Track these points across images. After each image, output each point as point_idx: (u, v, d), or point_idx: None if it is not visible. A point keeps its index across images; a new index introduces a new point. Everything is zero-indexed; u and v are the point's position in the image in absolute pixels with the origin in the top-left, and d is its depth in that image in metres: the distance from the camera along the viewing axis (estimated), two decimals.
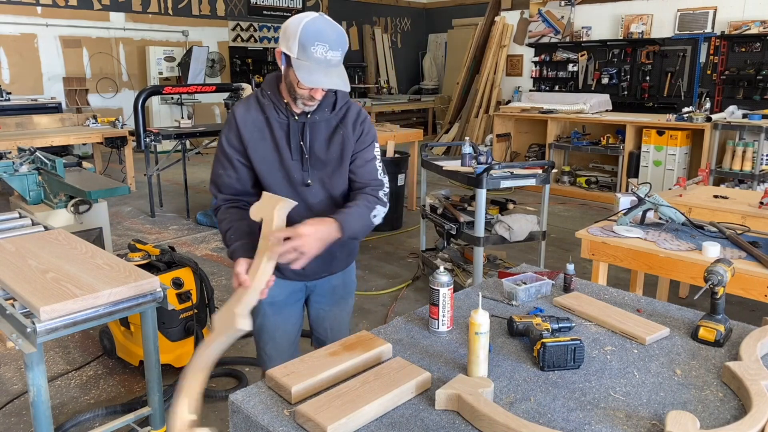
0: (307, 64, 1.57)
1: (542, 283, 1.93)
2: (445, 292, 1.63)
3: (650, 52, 8.22)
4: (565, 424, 1.24)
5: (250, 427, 1.28)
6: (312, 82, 1.58)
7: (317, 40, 1.57)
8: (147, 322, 2.18)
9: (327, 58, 1.58)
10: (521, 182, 3.79)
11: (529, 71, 9.53)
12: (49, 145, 6.31)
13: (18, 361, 3.17)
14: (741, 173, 6.05)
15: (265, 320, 1.95)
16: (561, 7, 8.92)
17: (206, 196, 7.02)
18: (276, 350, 1.98)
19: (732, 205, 3.34)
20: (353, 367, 1.42)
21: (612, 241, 2.65)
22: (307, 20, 1.58)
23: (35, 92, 9.30)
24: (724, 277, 1.62)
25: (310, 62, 1.57)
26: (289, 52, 1.59)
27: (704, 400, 1.33)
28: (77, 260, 2.21)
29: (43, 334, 1.81)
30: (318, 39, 1.57)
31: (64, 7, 9.60)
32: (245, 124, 1.74)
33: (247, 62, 11.98)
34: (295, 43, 1.57)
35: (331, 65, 1.60)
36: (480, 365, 1.38)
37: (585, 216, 6.37)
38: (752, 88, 7.41)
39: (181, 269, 2.96)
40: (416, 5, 14.96)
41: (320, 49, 1.57)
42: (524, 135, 8.36)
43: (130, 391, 2.93)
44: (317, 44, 1.57)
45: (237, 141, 1.75)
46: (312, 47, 1.56)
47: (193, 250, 5.17)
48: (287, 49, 1.60)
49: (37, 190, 4.13)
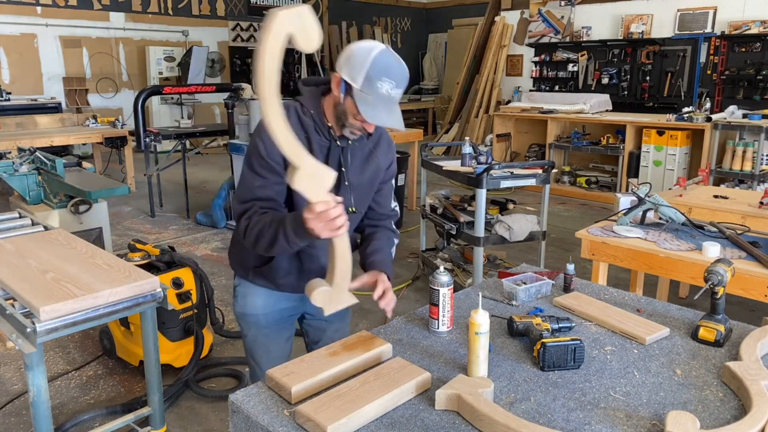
0: (370, 98, 1.52)
1: (542, 283, 1.93)
2: (445, 292, 1.63)
3: (650, 52, 8.22)
4: (565, 424, 1.24)
5: (250, 427, 1.28)
6: (374, 118, 1.54)
7: (385, 75, 1.52)
8: (147, 322, 2.18)
9: (391, 95, 1.53)
10: (521, 182, 3.79)
11: (529, 71, 9.53)
12: (49, 145, 6.32)
13: (18, 361, 3.17)
14: (741, 173, 6.05)
15: (259, 332, 1.89)
16: (561, 7, 8.92)
17: (206, 196, 7.02)
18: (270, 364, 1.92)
19: (732, 205, 3.34)
20: (353, 367, 1.42)
21: (612, 241, 2.65)
22: (377, 53, 1.52)
23: (35, 92, 9.31)
24: (724, 277, 1.62)
25: (373, 97, 1.52)
26: (353, 83, 1.53)
27: (704, 400, 1.33)
28: (77, 260, 2.21)
29: (43, 334, 1.81)
30: (386, 75, 1.52)
31: (64, 7, 9.60)
32: None
33: (247, 62, 11.97)
34: (361, 74, 1.52)
35: (393, 102, 1.56)
36: (480, 365, 1.38)
37: (585, 216, 6.37)
38: (752, 88, 7.41)
39: (181, 269, 2.96)
40: (416, 5, 14.96)
41: (386, 85, 1.52)
42: (524, 135, 8.37)
43: (130, 391, 2.93)
44: (384, 80, 1.52)
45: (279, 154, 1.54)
46: (379, 82, 1.51)
47: (193, 250, 5.17)
48: (350, 78, 1.54)
49: (37, 190, 4.13)
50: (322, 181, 1.37)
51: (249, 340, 1.92)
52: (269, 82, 1.22)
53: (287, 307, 1.89)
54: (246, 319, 1.90)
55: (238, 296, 1.91)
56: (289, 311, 1.91)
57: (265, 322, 1.88)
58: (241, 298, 1.89)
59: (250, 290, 1.86)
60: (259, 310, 1.86)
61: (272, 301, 1.86)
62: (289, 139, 1.30)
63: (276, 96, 1.24)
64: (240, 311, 1.91)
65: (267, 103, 1.24)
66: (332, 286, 1.50)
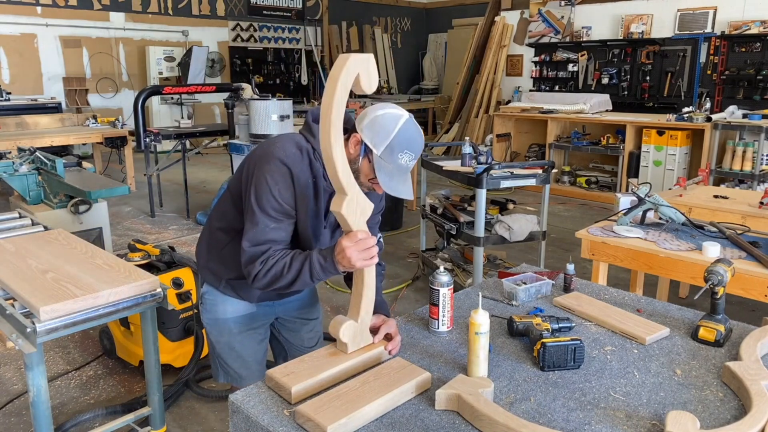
0: (389, 167, 1.52)
1: (542, 283, 1.93)
2: (445, 292, 1.63)
3: (650, 52, 8.22)
4: (565, 424, 1.24)
5: (250, 427, 1.28)
6: (390, 188, 1.53)
7: (407, 148, 1.53)
8: (147, 322, 2.18)
9: (407, 166, 1.54)
10: (521, 182, 3.79)
11: (529, 71, 9.53)
12: (49, 145, 6.31)
13: (18, 361, 3.17)
14: (741, 173, 6.05)
15: (231, 338, 1.85)
16: (561, 7, 8.92)
17: (206, 196, 7.02)
18: (245, 369, 1.90)
19: (732, 205, 3.34)
20: (353, 367, 1.42)
21: (612, 241, 2.64)
22: (402, 124, 1.52)
23: (35, 92, 9.30)
24: (724, 277, 1.62)
25: (393, 167, 1.52)
26: (374, 149, 1.51)
27: (704, 400, 1.33)
28: (77, 260, 2.21)
29: (43, 334, 1.81)
30: (408, 148, 1.53)
31: (64, 7, 9.60)
32: (299, 180, 1.61)
33: (247, 62, 11.98)
34: (384, 143, 1.50)
35: (408, 172, 1.57)
36: (480, 365, 1.38)
37: (585, 216, 6.37)
38: (752, 88, 7.41)
39: (181, 269, 2.96)
40: (416, 5, 14.96)
41: (406, 157, 1.52)
42: (524, 135, 8.36)
43: (130, 391, 2.93)
44: (405, 152, 1.52)
45: (290, 195, 1.60)
46: (400, 154, 1.51)
47: (193, 250, 5.17)
48: (372, 144, 1.51)
49: (37, 190, 4.13)
50: (365, 211, 1.43)
51: (221, 347, 1.88)
52: (338, 111, 1.31)
53: (259, 313, 1.87)
54: (218, 325, 1.85)
55: (206, 303, 1.86)
56: (261, 317, 1.89)
57: (237, 329, 1.84)
58: (210, 305, 1.85)
59: (220, 298, 1.83)
60: (230, 315, 1.83)
61: (243, 307, 1.84)
62: (346, 167, 1.37)
63: (341, 124, 1.33)
64: (210, 317, 1.86)
65: (334, 128, 1.32)
66: (358, 322, 1.47)
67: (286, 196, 1.58)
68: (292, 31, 12.78)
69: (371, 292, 1.49)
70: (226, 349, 1.87)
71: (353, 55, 1.32)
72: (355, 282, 1.50)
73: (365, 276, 1.47)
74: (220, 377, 1.93)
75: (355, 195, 1.40)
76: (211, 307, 1.85)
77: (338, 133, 1.33)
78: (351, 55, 1.31)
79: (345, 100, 1.32)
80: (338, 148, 1.34)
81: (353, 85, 1.33)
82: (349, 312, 1.51)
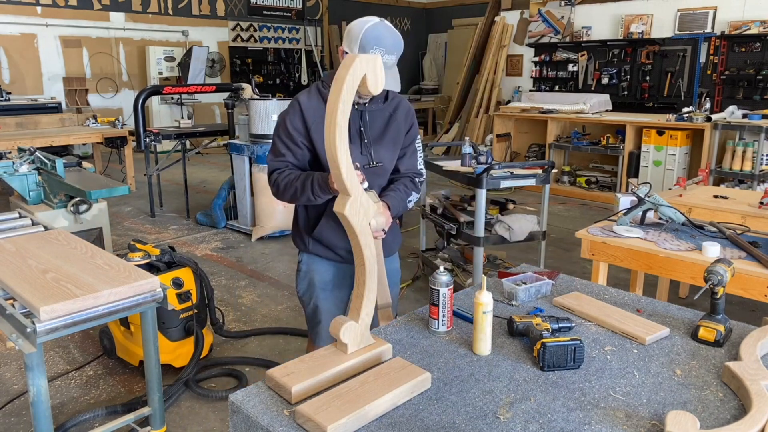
0: None
1: (542, 283, 1.93)
2: (445, 292, 1.63)
3: (650, 52, 8.22)
4: (565, 424, 1.24)
5: (250, 427, 1.28)
6: None
7: (376, 44, 1.79)
8: (147, 322, 2.18)
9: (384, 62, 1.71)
10: (521, 182, 3.79)
11: (529, 71, 9.53)
12: (49, 145, 6.31)
13: (18, 361, 3.17)
14: (741, 173, 6.05)
15: (318, 303, 2.11)
16: (561, 7, 8.92)
17: (206, 196, 7.02)
18: None
19: (732, 205, 3.34)
20: (353, 367, 1.42)
21: (612, 241, 2.64)
22: (369, 26, 1.80)
23: (35, 92, 9.30)
24: (724, 277, 1.62)
25: None
26: (350, 51, 1.82)
27: (704, 400, 1.33)
28: (77, 260, 2.21)
29: (43, 334, 1.81)
30: (377, 44, 1.79)
31: (64, 7, 9.60)
32: (308, 110, 1.92)
33: (247, 62, 11.98)
34: (356, 45, 1.80)
35: (386, 68, 1.72)
36: (486, 341, 1.52)
37: (585, 216, 6.37)
38: (752, 88, 7.41)
39: (181, 269, 2.96)
40: (416, 5, 14.96)
41: (378, 52, 1.77)
42: (524, 135, 8.36)
43: (130, 391, 2.93)
44: (375, 48, 1.78)
45: (301, 124, 1.92)
46: (371, 50, 1.78)
47: (193, 250, 5.17)
48: (349, 49, 1.83)
49: (37, 190, 4.13)
50: (367, 212, 1.45)
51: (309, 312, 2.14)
52: (343, 112, 1.32)
53: (340, 274, 2.11)
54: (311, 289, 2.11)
55: (301, 271, 2.13)
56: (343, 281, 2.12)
57: (322, 296, 2.10)
58: (304, 272, 2.12)
59: (311, 259, 2.10)
60: (319, 276, 2.09)
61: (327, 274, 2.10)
62: (350, 169, 1.38)
63: (346, 124, 1.34)
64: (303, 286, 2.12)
65: (339, 130, 1.32)
66: (358, 322, 1.47)
67: (296, 123, 1.92)
68: (292, 31, 12.78)
69: (372, 293, 1.50)
70: (313, 314, 2.13)
71: (360, 55, 1.33)
72: (356, 282, 1.51)
73: (366, 277, 1.47)
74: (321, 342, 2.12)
75: (359, 196, 1.41)
76: (304, 274, 2.12)
77: (343, 134, 1.34)
78: (358, 56, 1.32)
79: (351, 101, 1.33)
80: (343, 149, 1.34)
81: (359, 86, 1.34)
82: (349, 312, 1.51)
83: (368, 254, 1.46)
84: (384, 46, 1.79)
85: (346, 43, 1.85)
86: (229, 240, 5.45)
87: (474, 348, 1.54)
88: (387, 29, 1.81)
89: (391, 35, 1.81)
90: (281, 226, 5.33)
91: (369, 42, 1.78)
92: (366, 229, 1.45)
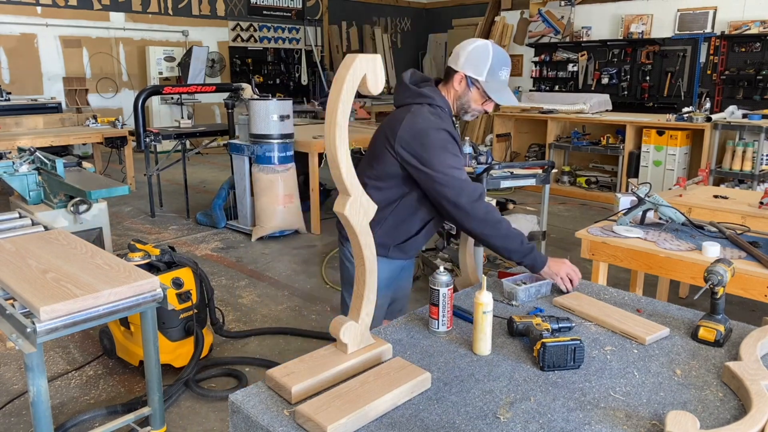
0: (497, 86, 1.89)
1: (542, 283, 1.93)
2: (445, 292, 1.63)
3: (650, 52, 8.22)
4: (565, 424, 1.24)
5: (250, 427, 1.28)
6: (505, 101, 1.90)
7: (504, 65, 1.89)
8: (147, 322, 2.18)
9: (506, 79, 1.90)
10: (521, 182, 3.79)
11: (529, 71, 9.53)
12: (49, 145, 6.31)
13: (18, 361, 3.17)
14: (741, 173, 6.05)
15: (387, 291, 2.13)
16: (561, 7, 8.93)
17: (206, 196, 7.02)
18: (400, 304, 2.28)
19: (732, 205, 3.34)
20: (353, 367, 1.42)
21: (612, 241, 2.64)
22: (492, 48, 1.88)
23: (35, 92, 9.30)
24: (724, 277, 1.62)
25: (499, 84, 1.89)
26: (478, 77, 1.88)
27: (704, 400, 1.33)
28: (77, 260, 2.21)
29: (43, 334, 1.81)
30: (504, 64, 1.90)
31: (64, 7, 9.60)
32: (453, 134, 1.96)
33: (247, 62, 11.98)
34: (486, 68, 1.87)
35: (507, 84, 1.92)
36: (486, 341, 1.53)
37: (585, 216, 6.37)
38: (752, 88, 7.41)
39: (181, 269, 2.96)
40: (416, 5, 14.96)
41: (505, 72, 1.90)
42: (524, 135, 8.36)
43: (130, 391, 2.93)
44: (504, 68, 1.89)
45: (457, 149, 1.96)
46: (500, 71, 1.88)
47: (193, 250, 5.17)
48: (475, 74, 1.89)
49: (37, 190, 4.13)
50: (367, 213, 1.43)
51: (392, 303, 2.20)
52: (343, 112, 1.31)
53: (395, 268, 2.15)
54: None
55: None
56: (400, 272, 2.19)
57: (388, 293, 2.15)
58: None
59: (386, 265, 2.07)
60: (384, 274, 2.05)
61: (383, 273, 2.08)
62: (350, 168, 1.37)
63: (346, 124, 1.33)
64: None
65: (339, 130, 1.31)
66: (358, 322, 1.47)
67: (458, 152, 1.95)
68: (292, 31, 12.78)
69: (372, 293, 1.50)
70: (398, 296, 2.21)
71: (360, 55, 1.32)
72: (356, 282, 1.51)
73: (366, 276, 1.47)
74: None
75: (359, 196, 1.40)
76: None
77: (343, 134, 1.32)
78: (358, 56, 1.31)
79: (351, 101, 1.32)
80: (343, 149, 1.33)
81: (359, 86, 1.33)
82: (349, 312, 1.51)
83: (368, 254, 1.46)
84: (508, 66, 1.91)
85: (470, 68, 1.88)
86: (229, 240, 5.45)
87: (474, 348, 1.54)
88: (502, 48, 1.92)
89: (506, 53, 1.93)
90: (281, 226, 5.33)
91: (499, 63, 1.87)
92: (366, 229, 1.44)
